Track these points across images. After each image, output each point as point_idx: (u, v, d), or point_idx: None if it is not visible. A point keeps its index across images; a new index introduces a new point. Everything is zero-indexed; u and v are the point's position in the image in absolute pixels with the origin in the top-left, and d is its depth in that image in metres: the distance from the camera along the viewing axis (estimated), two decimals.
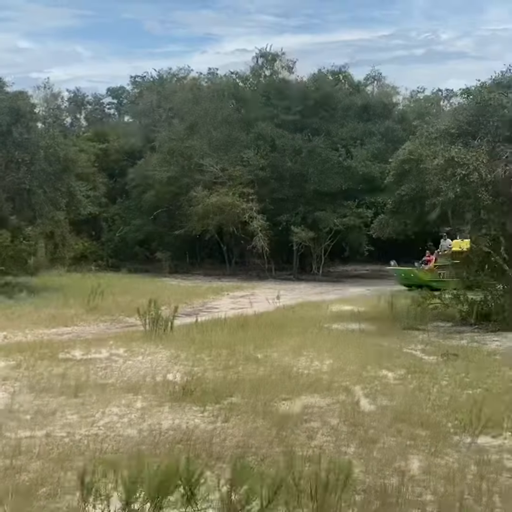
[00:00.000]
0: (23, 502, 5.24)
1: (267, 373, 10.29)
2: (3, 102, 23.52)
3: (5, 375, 9.82)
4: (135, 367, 10.69)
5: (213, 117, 37.02)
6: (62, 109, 50.42)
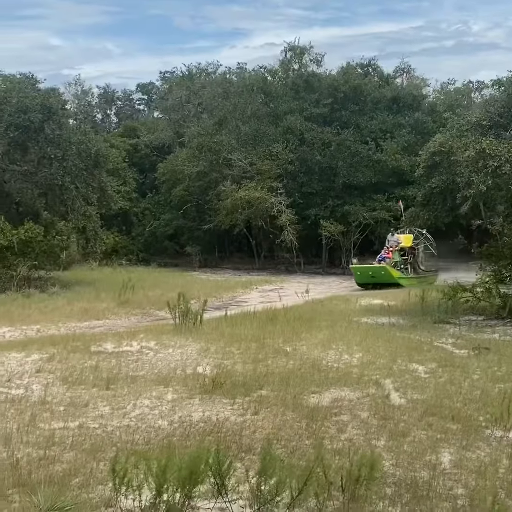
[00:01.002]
0: (57, 492, 5.31)
1: (297, 366, 10.29)
2: (35, 100, 23.82)
3: (38, 368, 9.96)
4: (166, 360, 10.77)
5: (242, 112, 37.06)
6: (92, 105, 50.92)
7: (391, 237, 27.49)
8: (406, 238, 27.89)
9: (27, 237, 22.99)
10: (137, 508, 4.85)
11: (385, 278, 24.80)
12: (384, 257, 26.31)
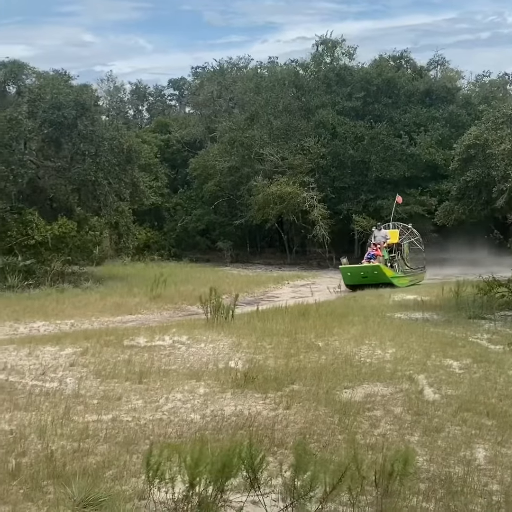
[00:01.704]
0: (91, 484, 5.36)
1: (329, 361, 10.24)
2: (69, 96, 24.06)
3: (72, 361, 10.06)
4: (198, 354, 10.80)
5: (273, 106, 36.99)
6: (124, 101, 51.27)
7: (378, 233, 25.69)
8: (392, 234, 26.29)
9: (61, 233, 23.28)
10: (170, 500, 4.86)
11: (378, 278, 22.86)
12: (373, 255, 24.28)
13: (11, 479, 5.60)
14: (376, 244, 24.73)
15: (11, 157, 22.49)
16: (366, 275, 23.02)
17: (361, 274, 23.17)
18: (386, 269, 23.82)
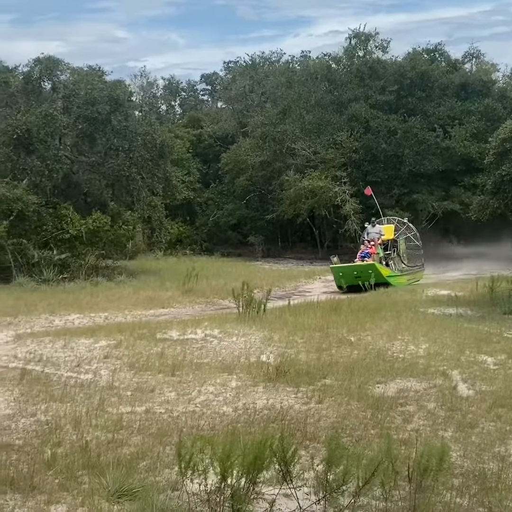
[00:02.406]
0: (125, 474, 5.42)
1: (361, 356, 10.21)
2: (102, 91, 24.28)
3: (106, 354, 10.19)
4: (230, 348, 10.84)
5: (305, 100, 36.85)
6: (157, 96, 51.54)
7: (372, 229, 23.75)
8: (387, 229, 24.56)
9: (95, 227, 23.52)
10: (203, 492, 4.89)
11: (373, 278, 20.81)
12: (367, 253, 22.43)
13: (47, 468, 5.70)
14: (370, 240, 23.04)
15: (47, 153, 22.79)
16: (360, 274, 21.05)
17: (354, 274, 21.27)
18: (381, 268, 22.11)
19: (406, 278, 24.04)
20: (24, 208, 21.68)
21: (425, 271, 26.59)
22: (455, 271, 28.10)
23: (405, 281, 23.41)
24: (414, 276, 24.69)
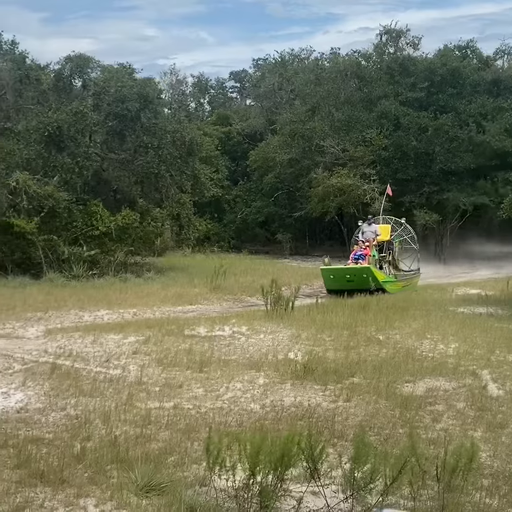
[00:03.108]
0: (153, 469, 5.46)
1: (390, 355, 10.14)
2: (132, 89, 24.44)
3: (135, 349, 10.26)
4: (257, 345, 10.86)
5: (335, 98, 36.68)
6: (186, 94, 51.70)
7: (368, 227, 21.52)
8: (383, 230, 22.32)
9: (124, 224, 23.69)
10: (230, 488, 4.90)
11: (367, 282, 18.85)
12: (361, 255, 20.33)
13: (77, 462, 5.76)
14: (365, 241, 20.89)
15: (77, 150, 23.01)
16: (353, 278, 19.13)
17: (346, 278, 19.22)
18: (377, 272, 19.96)
19: (401, 284, 21.56)
20: (55, 204, 21.93)
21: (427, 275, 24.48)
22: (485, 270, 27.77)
23: (399, 287, 21.00)
24: (409, 282, 22.23)
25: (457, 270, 27.49)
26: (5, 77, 25.39)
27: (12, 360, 9.51)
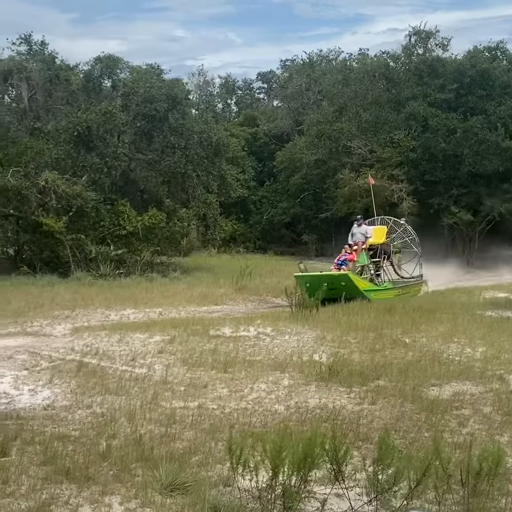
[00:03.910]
0: (177, 468, 5.48)
1: (416, 358, 10.07)
2: (161, 90, 24.62)
3: (160, 349, 10.32)
4: (282, 346, 10.84)
5: (362, 98, 36.53)
6: (214, 95, 51.88)
7: (357, 229, 19.18)
8: (377, 231, 19.87)
9: (150, 224, 23.85)
10: (254, 488, 4.91)
11: (348, 291, 17.04)
12: (344, 260, 18.50)
13: (102, 460, 5.81)
14: (353, 244, 18.88)
15: (106, 150, 23.22)
16: (332, 286, 16.72)
17: (324, 286, 16.32)
18: (357, 280, 17.93)
19: (395, 292, 19.19)
20: (83, 204, 22.16)
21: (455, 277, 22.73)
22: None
23: (391, 296, 18.63)
24: (409, 290, 19.81)
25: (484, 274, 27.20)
26: (35, 77, 25.75)
27: (39, 357, 9.62)
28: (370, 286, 18.35)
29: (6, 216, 23.03)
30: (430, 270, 24.93)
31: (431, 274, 23.10)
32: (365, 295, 17.36)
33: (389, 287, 19.38)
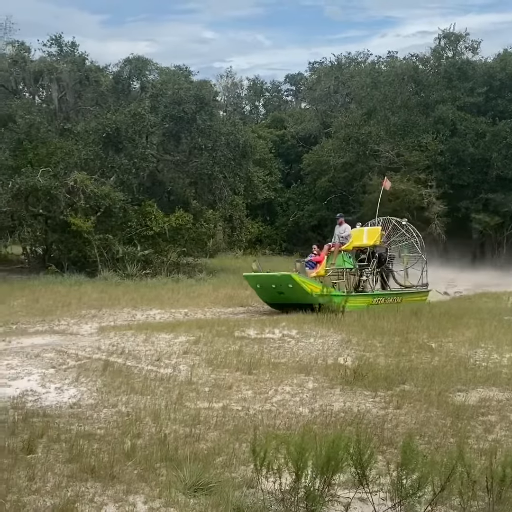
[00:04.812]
0: (201, 469, 5.49)
1: (442, 363, 9.98)
2: (189, 91, 24.76)
3: (185, 349, 10.35)
4: (307, 349, 10.82)
5: (391, 102, 36.37)
6: (242, 97, 52.01)
7: (338, 228, 17.50)
8: (371, 232, 17.77)
9: (177, 225, 23.98)
10: (277, 490, 4.90)
11: (296, 296, 15.31)
12: (309, 261, 16.85)
13: (127, 459, 5.84)
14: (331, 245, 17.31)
15: (134, 151, 23.41)
16: (280, 289, 15.44)
17: (272, 288, 15.58)
18: (306, 282, 15.62)
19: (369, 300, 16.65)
20: (111, 204, 22.36)
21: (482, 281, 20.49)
22: None
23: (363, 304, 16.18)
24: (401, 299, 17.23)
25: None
26: (65, 78, 26.06)
27: (66, 356, 9.71)
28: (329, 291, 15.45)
29: (35, 215, 23.34)
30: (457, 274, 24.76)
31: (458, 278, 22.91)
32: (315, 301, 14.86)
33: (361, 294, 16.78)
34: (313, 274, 16.26)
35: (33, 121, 23.56)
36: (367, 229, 18.15)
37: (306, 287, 15.38)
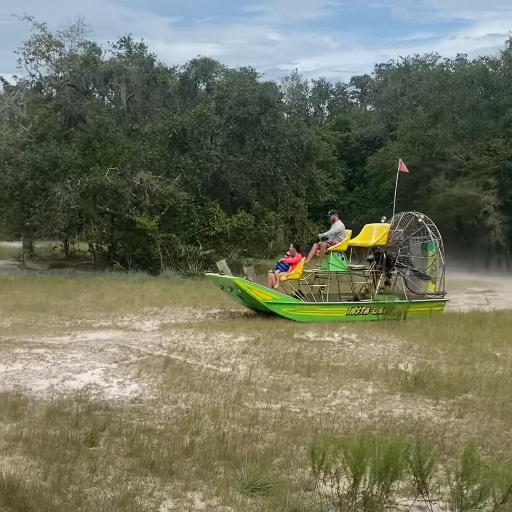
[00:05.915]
0: (259, 469, 5.50)
1: (507, 372, 9.73)
2: (254, 93, 24.89)
3: (245, 349, 10.40)
4: (367, 353, 10.72)
5: (459, 105, 35.65)
6: (306, 99, 51.88)
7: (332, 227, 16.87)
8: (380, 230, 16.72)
9: (239, 225, 24.12)
10: (335, 494, 4.87)
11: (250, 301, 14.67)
12: (281, 263, 15.47)
13: (185, 455, 5.90)
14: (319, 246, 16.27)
15: (199, 152, 23.68)
16: (238, 293, 14.62)
17: (229, 290, 14.84)
18: (253, 288, 14.33)
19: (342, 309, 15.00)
20: (175, 204, 22.68)
21: None
22: None
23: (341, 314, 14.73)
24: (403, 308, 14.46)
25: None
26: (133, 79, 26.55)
27: (128, 351, 9.90)
28: (282, 299, 14.39)
29: (102, 213, 23.88)
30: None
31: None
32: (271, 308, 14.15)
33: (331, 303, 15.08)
34: (283, 278, 14.89)
35: (102, 121, 24.10)
36: (377, 227, 16.96)
37: (253, 293, 14.27)
